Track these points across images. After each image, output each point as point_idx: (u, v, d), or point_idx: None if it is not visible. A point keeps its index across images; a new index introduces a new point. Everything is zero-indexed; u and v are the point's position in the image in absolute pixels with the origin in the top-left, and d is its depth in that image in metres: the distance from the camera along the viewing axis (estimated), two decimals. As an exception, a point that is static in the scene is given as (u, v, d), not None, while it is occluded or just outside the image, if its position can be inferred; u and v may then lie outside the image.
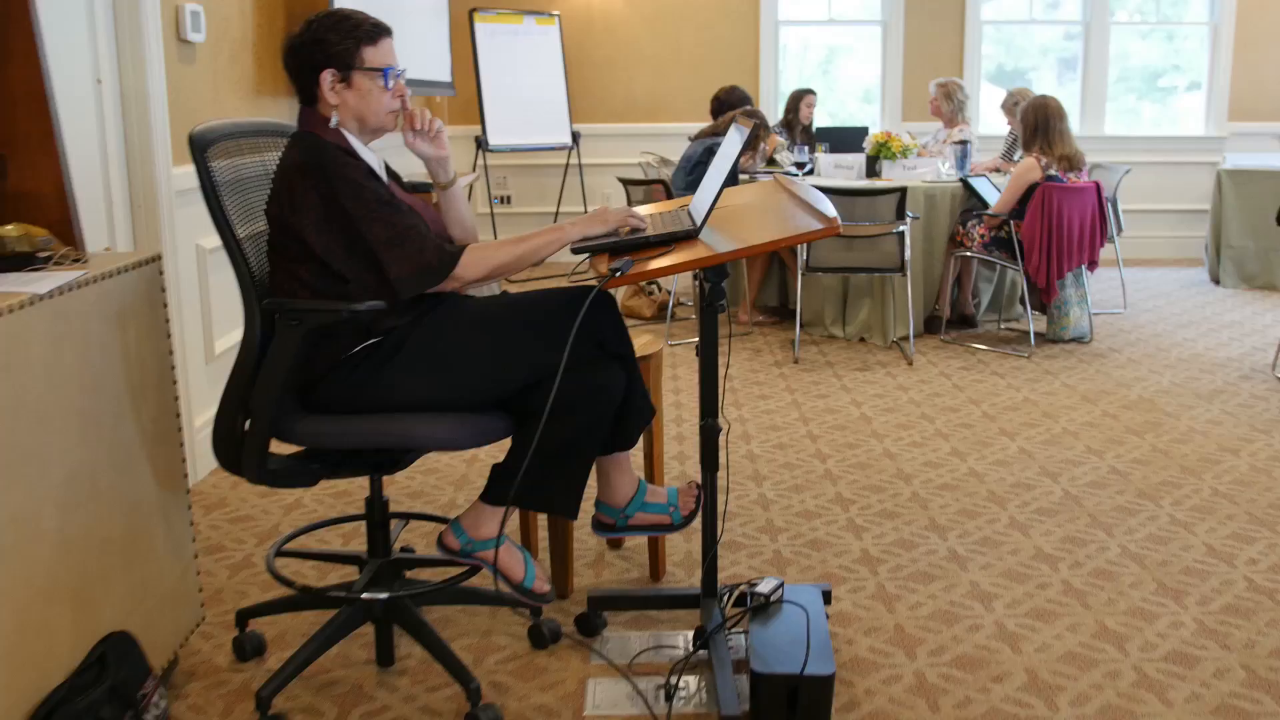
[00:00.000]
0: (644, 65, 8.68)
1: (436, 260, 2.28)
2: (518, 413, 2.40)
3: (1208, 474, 3.90)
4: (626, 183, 6.21)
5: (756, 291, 6.43)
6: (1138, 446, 4.21)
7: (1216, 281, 7.65)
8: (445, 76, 7.48)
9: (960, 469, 3.97)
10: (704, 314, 2.53)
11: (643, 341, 3.07)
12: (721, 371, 5.40)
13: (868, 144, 6.44)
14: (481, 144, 7.93)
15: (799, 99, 7.68)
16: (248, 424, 2.33)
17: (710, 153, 6.02)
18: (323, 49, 2.36)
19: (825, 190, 5.55)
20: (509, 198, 8.89)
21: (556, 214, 8.73)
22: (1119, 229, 6.75)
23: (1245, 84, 8.75)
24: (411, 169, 6.40)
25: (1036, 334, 6.02)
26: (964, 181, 5.99)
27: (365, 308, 2.22)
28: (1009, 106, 7.07)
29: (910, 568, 3.17)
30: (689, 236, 2.41)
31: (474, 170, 8.05)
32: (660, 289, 6.70)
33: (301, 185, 2.30)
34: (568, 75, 8.46)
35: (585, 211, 6.30)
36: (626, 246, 2.41)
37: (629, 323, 6.26)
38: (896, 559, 3.22)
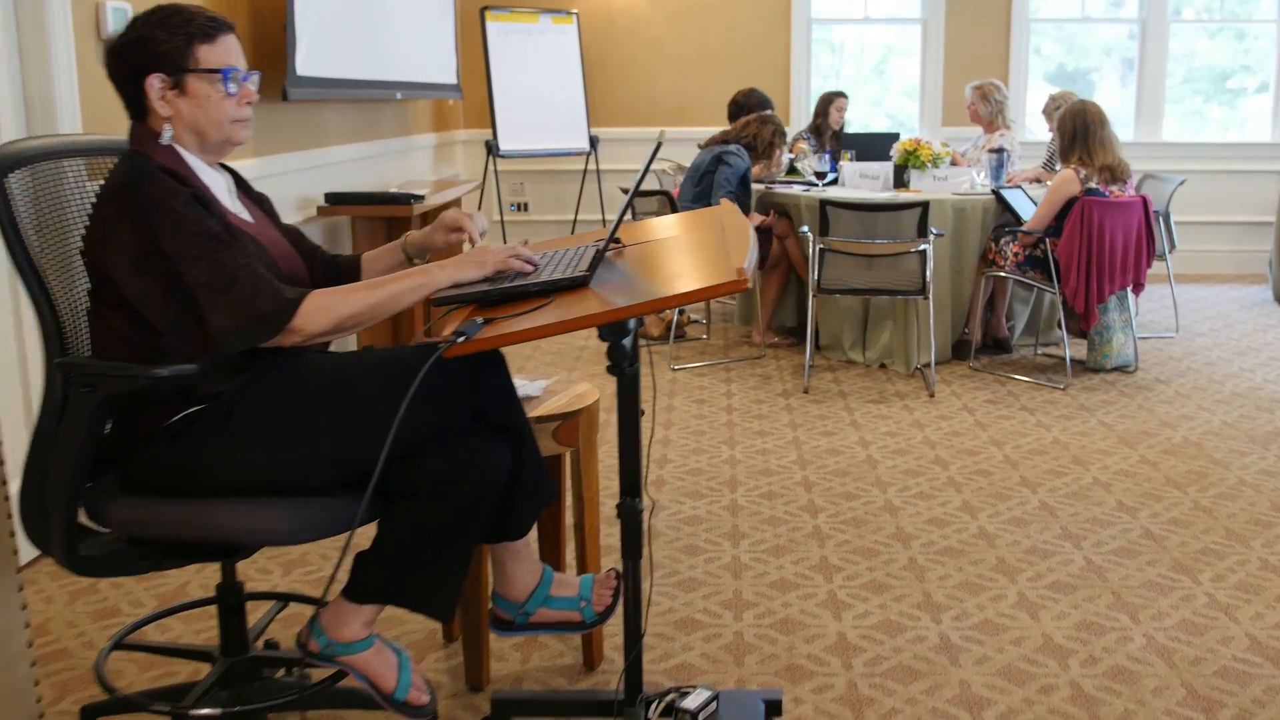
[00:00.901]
0: (668, 66, 8.23)
1: (270, 309, 1.85)
2: (384, 494, 1.96)
3: (1257, 541, 3.37)
4: (630, 193, 5.75)
5: (772, 310, 5.95)
6: (1178, 503, 3.68)
7: (1281, 301, 7.03)
8: (451, 79, 7.09)
9: (969, 529, 3.48)
10: (619, 382, 2.08)
11: (576, 392, 2.63)
12: (724, 402, 4.95)
13: (895, 152, 5.93)
14: (492, 149, 7.54)
15: (828, 102, 7.18)
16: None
17: (720, 161, 5.56)
18: (147, 49, 1.94)
19: (838, 205, 5.10)
20: (526, 205, 8.49)
21: (574, 223, 8.31)
22: (1171, 246, 6.18)
23: (1317, 86, 8.10)
24: (396, 179, 5.99)
25: (1075, 362, 5.48)
26: (996, 194, 5.47)
27: (170, 373, 1.79)
28: (1050, 111, 6.52)
29: (891, 659, 2.69)
30: (576, 285, 1.95)
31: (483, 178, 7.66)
32: (670, 306, 6.24)
33: (114, 217, 1.88)
34: (586, 77, 8.04)
35: (602, 223, 5.86)
36: (500, 297, 1.96)
37: (644, 341, 5.81)
38: (877, 648, 2.75)
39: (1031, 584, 3.09)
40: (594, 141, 7.98)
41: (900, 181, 5.94)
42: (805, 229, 5.07)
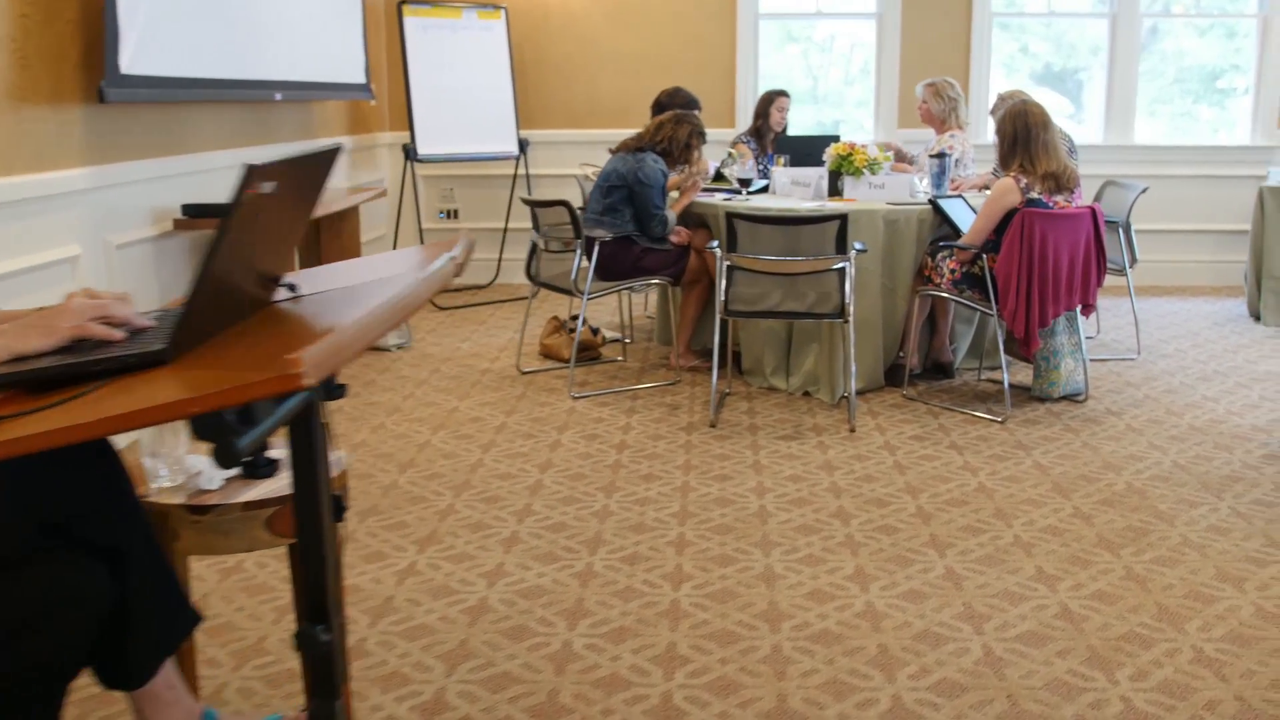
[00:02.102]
0: (607, 64, 7.70)
1: None
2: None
3: (1194, 623, 2.83)
4: (530, 203, 5.22)
5: (692, 330, 5.41)
6: (1107, 571, 3.14)
7: (1257, 318, 6.48)
8: (359, 78, 6.55)
9: (853, 607, 2.93)
10: (297, 506, 1.54)
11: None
12: (618, 438, 4.41)
13: (827, 157, 5.39)
14: (410, 153, 7.00)
15: (769, 101, 6.64)
16: None
17: (637, 179, 5.03)
18: None
19: (744, 217, 4.53)
20: (455, 211, 7.95)
21: (505, 230, 7.77)
22: (1132, 260, 5.63)
23: (1299, 85, 7.56)
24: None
25: (1021, 389, 4.95)
26: (933, 203, 4.93)
27: None
28: (996, 111, 5.96)
29: (714, 798, 2.15)
30: (154, 362, 1.40)
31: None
32: (584, 321, 5.70)
33: None
34: (516, 76, 7.50)
35: (535, 230, 5.32)
36: (60, 376, 1.40)
37: (545, 366, 5.29)
38: (700, 779, 2.20)
39: (913, 683, 2.55)
40: (524, 145, 7.44)
41: (835, 189, 5.41)
42: (714, 244, 4.53)
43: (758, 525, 3.49)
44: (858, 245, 4.52)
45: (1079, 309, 4.71)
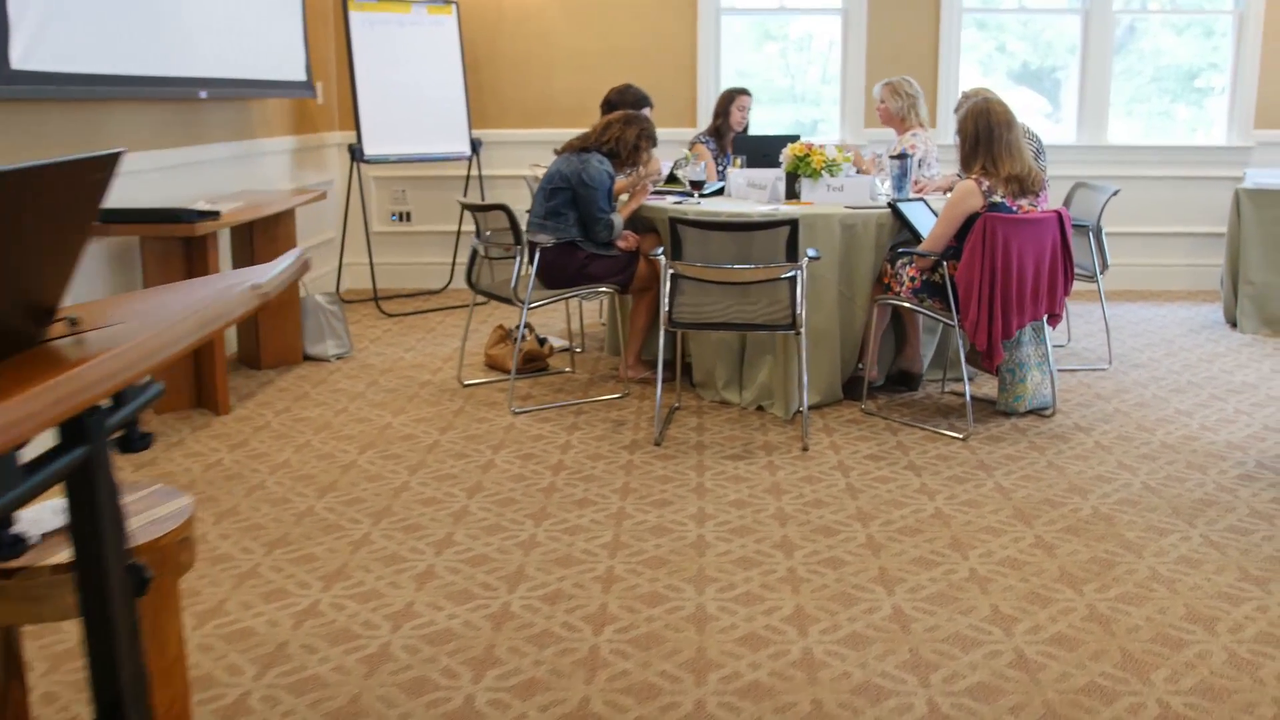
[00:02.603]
0: (564, 61, 7.42)
1: None
2: None
3: (1160, 672, 2.57)
4: (469, 207, 4.94)
5: (642, 340, 5.14)
6: (1068, 611, 2.88)
7: (1233, 324, 6.25)
8: (299, 76, 6.25)
9: (789, 654, 2.67)
10: (80, 582, 1.26)
11: (160, 513, 1.81)
12: (555, 458, 4.14)
13: (784, 158, 5.13)
14: (356, 154, 6.71)
15: (729, 100, 6.37)
16: None
17: (581, 181, 4.76)
18: None
19: (688, 223, 4.25)
20: (408, 214, 7.66)
21: (458, 234, 7.49)
22: (1103, 266, 5.38)
23: (1277, 84, 7.34)
24: (228, 189, 4.83)
25: (985, 403, 4.70)
26: (893, 207, 4.67)
27: None
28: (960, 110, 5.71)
29: None
30: None
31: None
32: (531, 332, 5.43)
33: None
34: (467, 73, 7.22)
35: (476, 235, 5.03)
36: None
37: (490, 378, 5.02)
38: None
39: (847, 748, 2.28)
40: (476, 145, 7.16)
41: (792, 192, 5.14)
42: (659, 251, 4.26)
43: (694, 558, 3.22)
44: (811, 252, 4.26)
45: (1045, 319, 4.46)
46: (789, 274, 4.08)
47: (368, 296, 7.11)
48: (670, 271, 4.18)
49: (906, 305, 4.51)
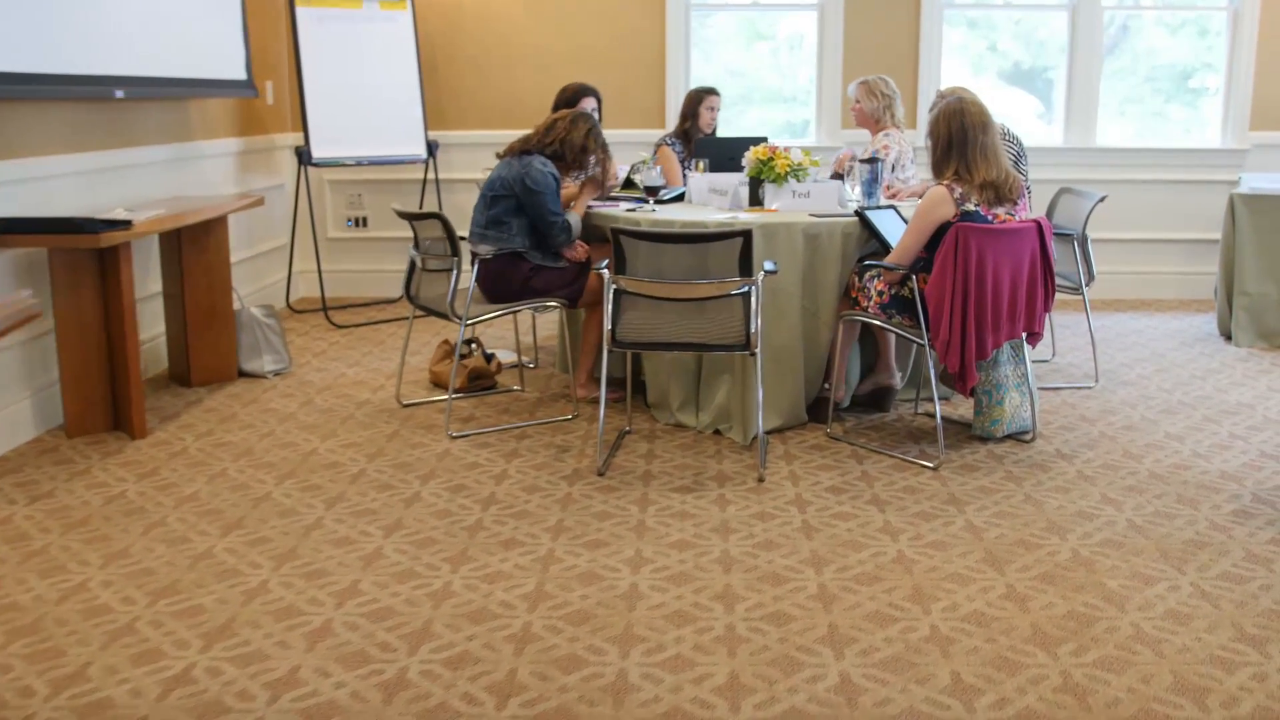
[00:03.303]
0: (527, 60, 7.08)
1: None
2: None
3: (1141, 760, 2.22)
4: (405, 216, 4.58)
5: (594, 357, 4.79)
6: (1039, 680, 2.53)
7: (1228, 337, 5.91)
8: (238, 74, 5.89)
9: (716, 735, 2.31)
10: None
11: None
12: (486, 491, 3.78)
13: (747, 161, 4.78)
14: (303, 157, 6.36)
15: (698, 101, 6.02)
16: None
17: (525, 187, 4.41)
18: None
19: (631, 233, 3.71)
20: (364, 219, 7.31)
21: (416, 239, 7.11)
22: (1088, 277, 5.04)
23: (1273, 84, 7.00)
24: (158, 194, 4.54)
25: (961, 426, 4.36)
26: (860, 215, 4.32)
27: None
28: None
29: None
30: None
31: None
32: (478, 347, 5.09)
33: None
34: (425, 72, 6.87)
35: (414, 245, 4.68)
36: None
37: (434, 397, 4.67)
38: None
39: None
40: (433, 147, 6.81)
41: (756, 198, 4.80)
42: (603, 265, 3.90)
43: (623, 612, 2.87)
44: (768, 265, 3.91)
45: (1024, 338, 4.11)
46: (742, 290, 3.73)
47: (319, 306, 6.74)
48: (613, 287, 3.82)
49: (874, 322, 4.16)
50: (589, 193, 4.67)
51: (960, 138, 3.92)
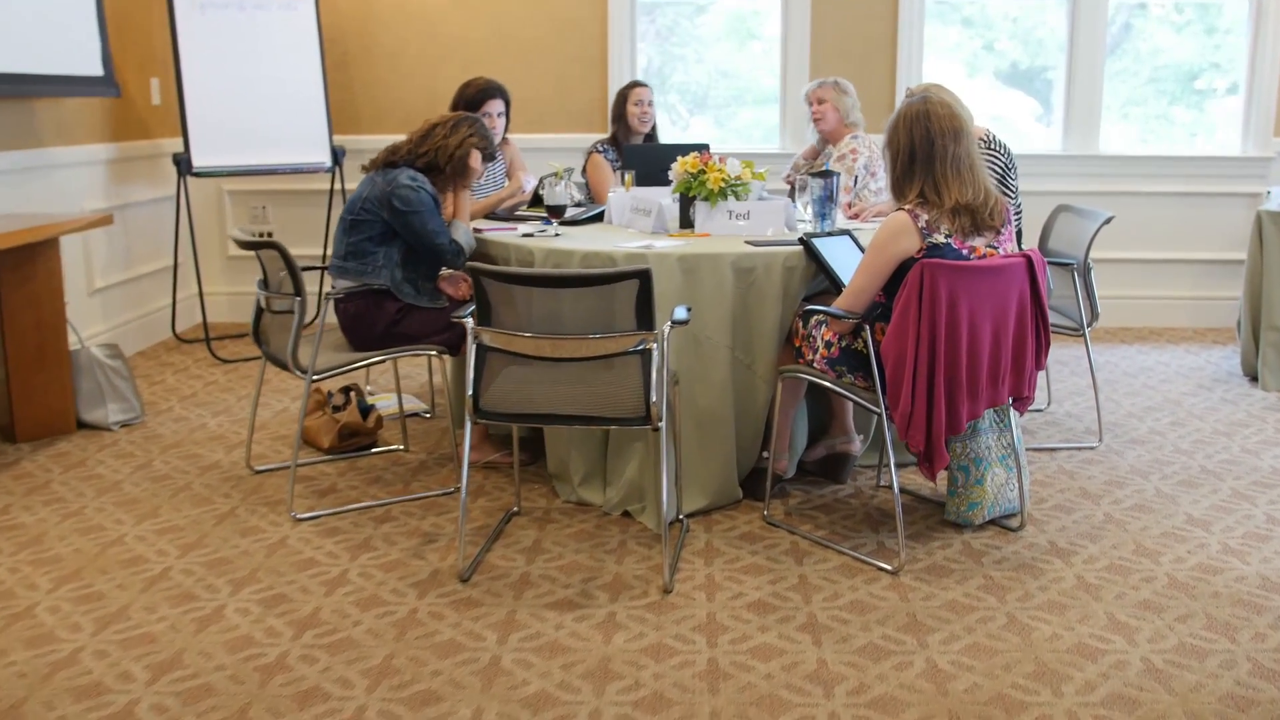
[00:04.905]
0: (453, 55, 6.21)
1: None
2: None
3: None
4: (242, 244, 3.70)
5: (489, 415, 3.88)
6: None
7: (1253, 378, 5.04)
8: (93, 69, 5.02)
9: None
10: None
11: None
12: (309, 605, 2.90)
13: (674, 175, 3.91)
14: (182, 165, 5.49)
15: (623, 98, 5.15)
16: None
17: (392, 208, 3.55)
18: None
19: (493, 275, 2.64)
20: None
21: (324, 256, 6.26)
22: (1091, 315, 4.17)
23: (1301, 84, 6.13)
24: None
25: (933, 505, 3.48)
26: (805, 243, 3.44)
27: None
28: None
29: None
30: None
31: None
32: (356, 394, 4.21)
33: None
34: (334, 70, 6.02)
35: (262, 282, 3.81)
36: None
37: (303, 458, 3.82)
38: None
39: None
40: (339, 154, 5.93)
41: (686, 219, 3.93)
42: (468, 312, 3.02)
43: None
44: (679, 313, 3.03)
45: (1010, 403, 3.24)
46: (638, 347, 2.85)
47: (205, 336, 5.86)
48: (474, 343, 2.94)
49: (820, 380, 3.28)
50: (467, 194, 3.80)
51: (925, 149, 3.04)
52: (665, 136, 6.17)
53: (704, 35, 6.46)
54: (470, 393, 2.95)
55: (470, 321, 2.97)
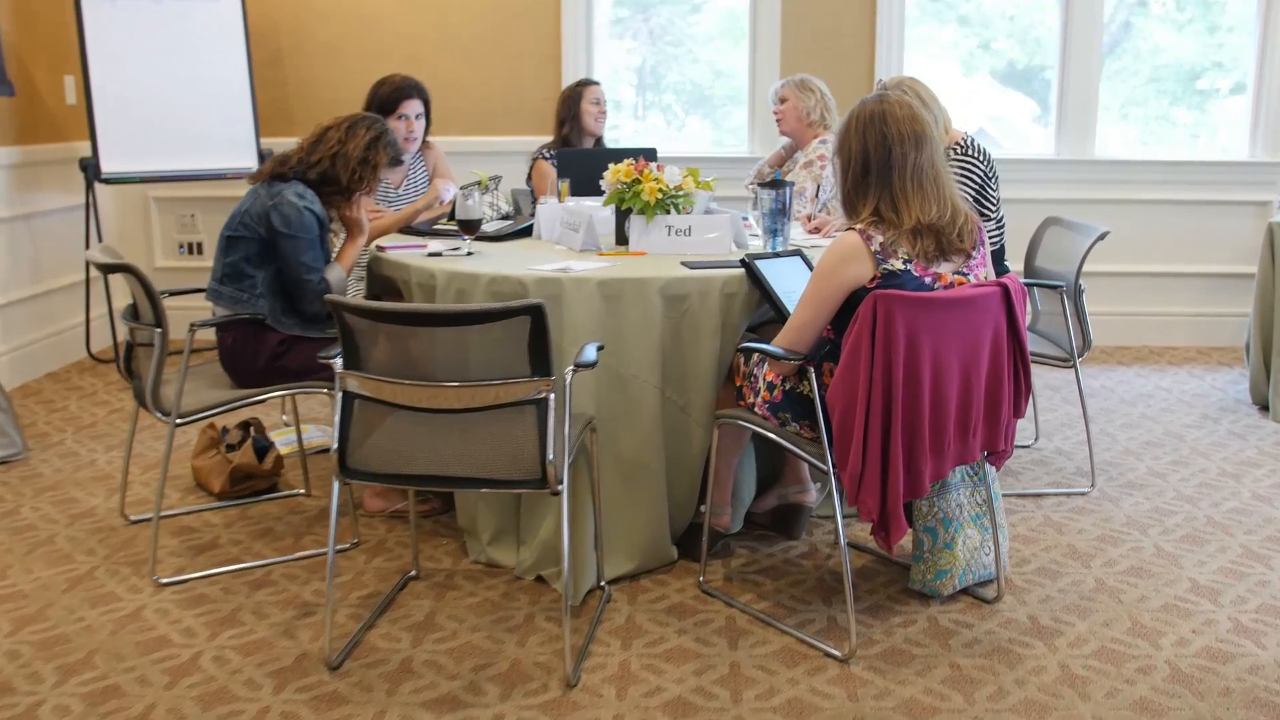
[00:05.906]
0: (395, 51, 5.74)
1: None
2: None
3: None
4: (99, 267, 3.21)
5: (395, 458, 3.39)
6: None
7: (1264, 408, 4.56)
8: (-19, 63, 4.54)
9: None
10: None
11: None
12: (141, 706, 2.39)
13: (606, 185, 3.42)
14: (90, 170, 5.01)
15: (576, 97, 4.68)
16: None
17: (271, 227, 3.06)
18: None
19: (357, 311, 1.89)
20: (199, 245, 5.96)
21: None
22: (1083, 344, 3.68)
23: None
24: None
25: (892, 572, 3.00)
26: (747, 265, 2.95)
27: None
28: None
29: None
30: None
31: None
32: (257, 430, 3.73)
33: None
34: (258, 66, 5.54)
35: (132, 313, 3.31)
36: None
37: (183, 507, 3.34)
38: None
39: None
40: (265, 159, 5.43)
41: (623, 235, 3.45)
42: (336, 354, 2.52)
43: None
44: (589, 352, 2.54)
45: (985, 457, 2.75)
46: (531, 397, 2.36)
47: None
48: (341, 390, 2.46)
49: (761, 429, 2.79)
50: (354, 242, 3.33)
51: (881, 158, 2.56)
52: (661, 138, 5.71)
53: (698, 34, 5.99)
54: (335, 447, 2.46)
55: (338, 363, 2.48)
